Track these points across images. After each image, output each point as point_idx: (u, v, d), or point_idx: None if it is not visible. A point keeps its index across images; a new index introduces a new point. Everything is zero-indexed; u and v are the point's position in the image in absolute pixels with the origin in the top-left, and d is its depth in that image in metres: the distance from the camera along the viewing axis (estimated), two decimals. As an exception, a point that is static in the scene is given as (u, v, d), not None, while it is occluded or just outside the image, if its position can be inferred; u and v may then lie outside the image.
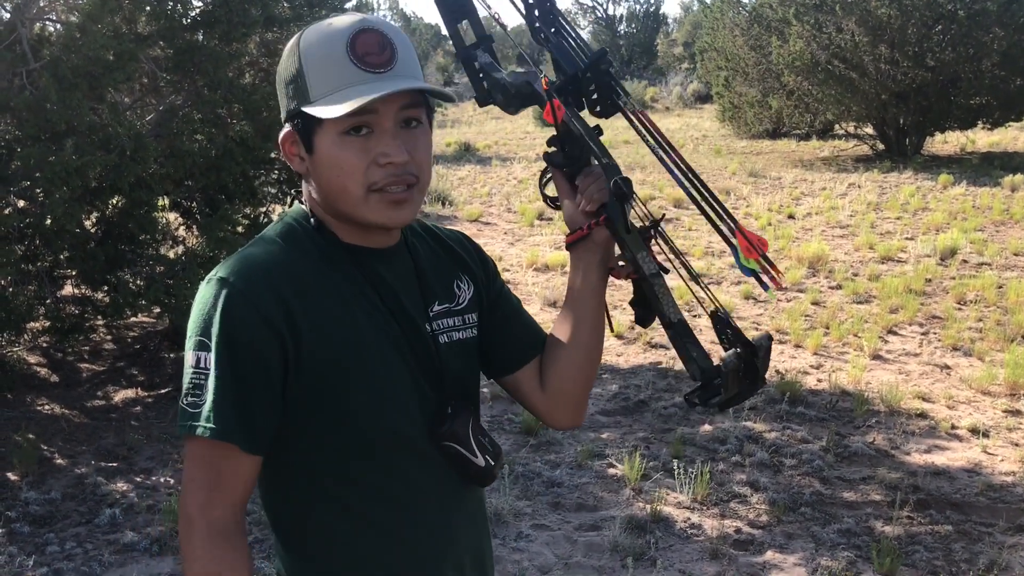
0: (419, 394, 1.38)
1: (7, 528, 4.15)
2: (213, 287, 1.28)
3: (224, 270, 1.29)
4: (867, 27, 16.96)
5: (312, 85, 1.29)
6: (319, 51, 1.29)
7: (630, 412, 5.62)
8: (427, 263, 1.47)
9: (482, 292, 1.55)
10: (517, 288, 8.75)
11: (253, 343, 1.26)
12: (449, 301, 1.47)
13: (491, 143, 25.33)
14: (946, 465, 4.82)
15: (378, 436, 1.35)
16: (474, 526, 1.49)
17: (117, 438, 5.22)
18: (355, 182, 1.29)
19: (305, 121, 1.31)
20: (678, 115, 32.50)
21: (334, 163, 1.29)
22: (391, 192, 1.30)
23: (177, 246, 6.68)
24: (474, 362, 1.51)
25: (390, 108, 1.29)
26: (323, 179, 1.32)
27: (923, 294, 8.15)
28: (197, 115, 5.98)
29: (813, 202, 13.41)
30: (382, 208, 1.31)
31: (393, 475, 1.37)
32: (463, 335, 1.47)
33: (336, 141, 1.29)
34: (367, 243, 1.38)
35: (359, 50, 1.28)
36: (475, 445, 1.40)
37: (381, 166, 1.29)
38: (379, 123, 1.29)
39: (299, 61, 1.30)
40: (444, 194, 14.37)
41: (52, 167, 4.88)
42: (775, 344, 6.91)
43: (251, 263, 1.30)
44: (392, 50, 1.30)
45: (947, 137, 20.69)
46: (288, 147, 1.36)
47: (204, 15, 5.98)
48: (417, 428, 1.38)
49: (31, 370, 6.42)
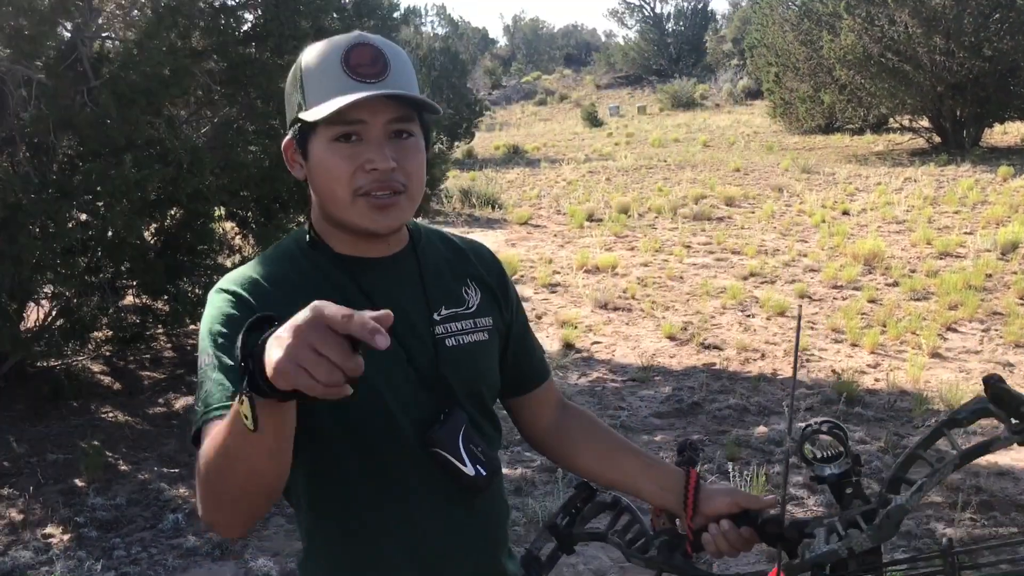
0: (415, 399, 1.40)
1: (76, 533, 4.27)
2: (210, 298, 1.38)
3: (219, 283, 1.39)
4: (921, 18, 16.64)
5: (308, 94, 1.35)
6: (317, 63, 1.36)
7: (684, 414, 5.59)
8: (434, 269, 1.50)
9: (500, 304, 1.56)
10: (567, 290, 8.76)
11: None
12: (458, 305, 1.49)
13: (540, 145, 25.34)
14: (1010, 466, 4.71)
15: (372, 441, 1.37)
16: (483, 538, 1.48)
17: (178, 444, 5.34)
18: (342, 186, 1.34)
19: (302, 128, 1.37)
20: (728, 112, 32.19)
21: (325, 168, 1.35)
22: (376, 197, 1.34)
23: (234, 255, 6.81)
24: (488, 364, 1.52)
25: (379, 118, 1.34)
26: (317, 184, 1.39)
27: (983, 290, 7.97)
28: (251, 127, 6.10)
29: (868, 198, 13.20)
30: (367, 212, 1.35)
31: (389, 480, 1.39)
32: (474, 338, 1.49)
33: (327, 147, 1.34)
34: (361, 253, 1.42)
35: (352, 61, 1.33)
36: (464, 453, 1.39)
37: (367, 172, 1.33)
38: (367, 132, 1.34)
39: (300, 72, 1.38)
40: (493, 197, 14.43)
41: (113, 181, 5.03)
42: (833, 343, 6.83)
43: (243, 275, 1.39)
44: (385, 63, 1.35)
45: (1007, 128, 20.21)
46: (289, 154, 1.43)
47: (256, 29, 6.10)
48: (411, 434, 1.39)
49: (95, 379, 6.60)
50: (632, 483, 1.58)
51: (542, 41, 61.62)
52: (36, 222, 5.24)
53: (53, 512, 4.48)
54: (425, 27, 52.47)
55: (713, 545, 1.46)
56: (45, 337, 5.85)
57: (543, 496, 4.42)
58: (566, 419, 1.66)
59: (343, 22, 6.60)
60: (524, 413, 1.64)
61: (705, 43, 45.77)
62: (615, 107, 35.72)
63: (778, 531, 1.39)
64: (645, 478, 1.56)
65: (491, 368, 1.52)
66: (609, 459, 1.61)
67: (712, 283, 8.73)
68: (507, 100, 43.49)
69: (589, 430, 1.65)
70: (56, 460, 5.13)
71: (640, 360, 6.57)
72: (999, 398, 1.23)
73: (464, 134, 23.99)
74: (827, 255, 9.73)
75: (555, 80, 47.57)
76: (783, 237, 10.89)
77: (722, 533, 1.46)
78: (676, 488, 1.52)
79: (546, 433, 1.65)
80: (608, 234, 11.54)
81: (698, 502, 1.50)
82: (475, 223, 13.05)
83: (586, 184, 16.35)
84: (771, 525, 1.41)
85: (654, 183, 15.93)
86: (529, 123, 35.92)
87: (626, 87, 43.37)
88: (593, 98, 39.69)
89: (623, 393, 5.99)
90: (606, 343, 7.12)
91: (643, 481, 1.56)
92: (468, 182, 15.93)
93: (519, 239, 11.65)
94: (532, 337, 1.65)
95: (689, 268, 9.52)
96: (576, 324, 7.54)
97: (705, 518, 1.49)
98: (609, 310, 7.99)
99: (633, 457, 1.60)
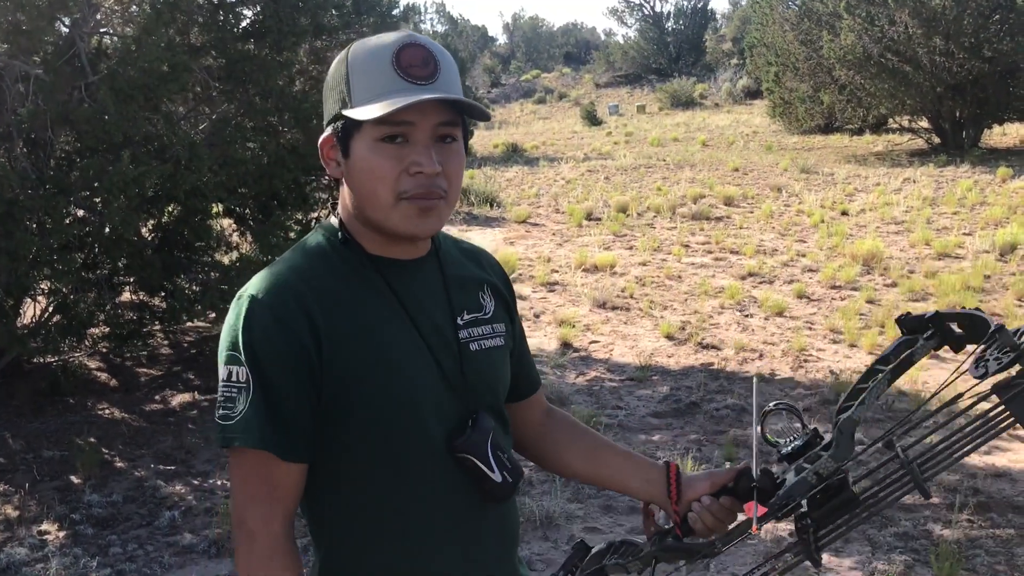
0: (444, 404, 1.39)
1: (72, 530, 4.26)
2: (243, 304, 1.33)
3: (253, 287, 1.34)
4: (921, 19, 16.65)
5: (355, 91, 1.33)
6: (365, 61, 1.33)
7: (681, 414, 5.59)
8: (455, 274, 1.49)
9: (510, 305, 1.57)
10: (566, 289, 8.75)
11: (281, 354, 1.30)
12: (478, 311, 1.49)
13: (539, 143, 25.34)
14: (1008, 467, 4.71)
15: (402, 446, 1.36)
16: (501, 545, 1.49)
17: (175, 441, 5.33)
18: (386, 188, 1.32)
19: (345, 125, 1.35)
20: (728, 111, 32.19)
21: (368, 168, 1.33)
22: (419, 202, 1.33)
23: (231, 252, 6.80)
24: (504, 370, 1.53)
25: (427, 121, 1.32)
26: (356, 184, 1.36)
27: (982, 291, 7.97)
28: (249, 123, 6.09)
29: (867, 198, 13.20)
30: (410, 216, 1.34)
31: (415, 486, 1.38)
32: (493, 343, 1.49)
33: (372, 147, 1.32)
34: (393, 254, 1.41)
35: (404, 61, 1.31)
36: (492, 459, 1.39)
37: (412, 175, 1.31)
38: (414, 134, 1.32)
39: (346, 69, 1.34)
40: (492, 195, 14.42)
41: (110, 177, 5.01)
42: (831, 344, 6.82)
43: (277, 279, 1.34)
44: (436, 65, 1.33)
45: (1006, 129, 20.22)
46: (327, 151, 1.40)
47: (255, 25, 6.08)
48: (440, 438, 1.38)
49: (92, 375, 6.59)
50: (619, 478, 1.61)
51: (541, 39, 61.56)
52: (33, 218, 5.23)
53: (49, 509, 4.47)
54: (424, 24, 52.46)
55: (699, 522, 1.50)
56: (42, 333, 5.83)
57: (540, 495, 4.41)
58: (550, 423, 1.67)
59: (342, 19, 6.59)
60: (514, 418, 1.63)
61: (705, 42, 45.75)
62: (614, 106, 35.70)
63: (750, 483, 1.46)
64: (630, 473, 1.59)
65: (506, 373, 1.53)
66: (595, 458, 1.63)
67: (710, 283, 8.72)
68: (506, 98, 43.47)
69: (572, 432, 1.66)
70: (52, 456, 5.12)
71: (638, 359, 6.57)
72: (912, 328, 1.40)
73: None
74: (826, 255, 9.72)
75: (554, 78, 47.55)
76: (782, 237, 10.88)
77: (705, 508, 1.50)
78: (659, 480, 1.56)
79: (532, 438, 1.66)
80: (607, 233, 11.53)
81: (680, 489, 1.54)
82: (473, 221, 13.04)
83: (585, 183, 16.34)
84: (744, 480, 1.48)
85: (653, 182, 15.92)
86: (528, 121, 35.90)
87: (625, 86, 43.35)
88: (592, 97, 39.68)
89: (621, 392, 5.98)
90: (604, 342, 7.11)
91: (628, 476, 1.60)
92: (467, 180, 15.92)
93: (517, 237, 11.64)
94: (527, 345, 1.66)
95: (687, 268, 9.52)
96: (574, 323, 7.53)
97: (688, 503, 1.53)
98: (607, 309, 7.99)
99: (616, 455, 1.63)
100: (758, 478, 1.46)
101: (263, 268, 1.40)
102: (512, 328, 1.56)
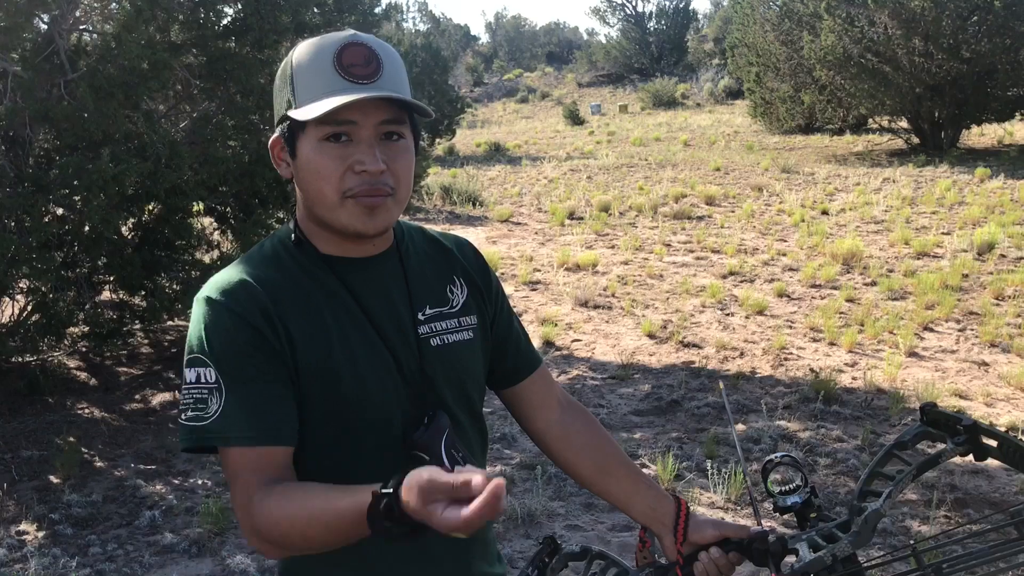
0: (402, 400, 1.40)
1: (51, 530, 4.23)
2: (200, 307, 1.35)
3: (207, 290, 1.36)
4: (900, 20, 16.77)
5: (299, 92, 1.34)
6: (308, 61, 1.35)
7: (663, 412, 5.61)
8: (418, 268, 1.49)
9: (483, 297, 1.56)
10: (548, 288, 8.76)
11: (244, 348, 1.31)
12: (442, 304, 1.49)
13: (521, 143, 25.35)
14: (984, 465, 4.76)
15: (360, 444, 1.37)
16: (466, 543, 1.46)
17: (156, 441, 5.30)
18: (331, 187, 1.33)
19: (291, 126, 1.36)
20: (709, 111, 32.32)
21: (313, 167, 1.34)
22: (364, 200, 1.33)
23: (212, 251, 6.77)
24: (473, 364, 1.52)
25: (370, 119, 1.32)
26: (304, 184, 1.37)
27: (960, 290, 8.05)
28: (230, 122, 6.06)
29: (847, 198, 13.29)
30: (356, 214, 1.34)
31: (377, 481, 1.38)
32: (458, 337, 1.49)
33: (316, 147, 1.33)
34: (346, 253, 1.42)
35: (345, 60, 1.32)
36: (446, 458, 1.37)
37: (356, 173, 1.32)
38: (358, 133, 1.33)
39: (291, 70, 1.36)
40: (474, 195, 14.42)
41: (90, 175, 4.98)
42: (811, 342, 6.87)
43: (231, 280, 1.36)
44: (378, 64, 1.34)
45: (984, 130, 20.40)
46: (277, 152, 1.42)
47: (236, 23, 6.06)
48: (397, 436, 1.39)
49: (71, 374, 6.54)
50: (624, 500, 1.61)
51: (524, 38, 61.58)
52: (12, 216, 5.19)
53: (28, 509, 4.44)
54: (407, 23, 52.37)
55: (704, 573, 1.52)
56: (20, 332, 5.79)
57: (522, 494, 4.42)
58: (568, 421, 1.64)
59: (324, 17, 6.57)
60: (522, 407, 1.63)
61: (687, 42, 45.92)
62: (596, 105, 35.77)
63: (765, 547, 1.48)
64: (637, 497, 1.60)
65: (476, 368, 1.52)
66: (607, 473, 1.62)
67: (692, 281, 8.76)
68: (489, 97, 43.46)
69: (590, 439, 1.64)
70: (31, 456, 5.08)
71: (620, 358, 6.59)
72: (936, 421, 1.46)
73: (445, 131, 23.96)
74: (806, 254, 9.79)
75: (537, 78, 47.59)
76: (762, 236, 10.94)
77: (712, 560, 1.52)
78: (667, 513, 1.57)
79: (546, 432, 1.64)
80: (589, 232, 11.56)
81: (688, 530, 1.55)
82: (456, 220, 13.03)
83: (567, 182, 16.36)
84: (759, 543, 1.50)
85: (635, 182, 15.97)
86: (511, 121, 35.92)
87: (608, 85, 43.44)
88: (575, 96, 39.74)
89: (603, 391, 6.00)
90: (586, 341, 7.13)
91: (634, 499, 1.60)
92: (449, 179, 15.91)
93: (500, 236, 11.64)
94: (518, 326, 1.64)
95: (669, 266, 9.55)
96: (556, 322, 7.54)
97: (692, 546, 1.54)
98: (589, 308, 8.01)
99: (628, 474, 1.62)
100: (772, 543, 1.47)
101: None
102: (488, 318, 1.56)
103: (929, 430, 1.47)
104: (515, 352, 1.62)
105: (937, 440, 1.47)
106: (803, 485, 1.54)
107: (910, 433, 1.49)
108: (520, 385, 1.62)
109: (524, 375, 1.62)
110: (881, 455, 1.51)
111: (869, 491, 1.48)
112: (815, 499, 1.54)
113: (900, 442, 1.49)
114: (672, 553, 1.55)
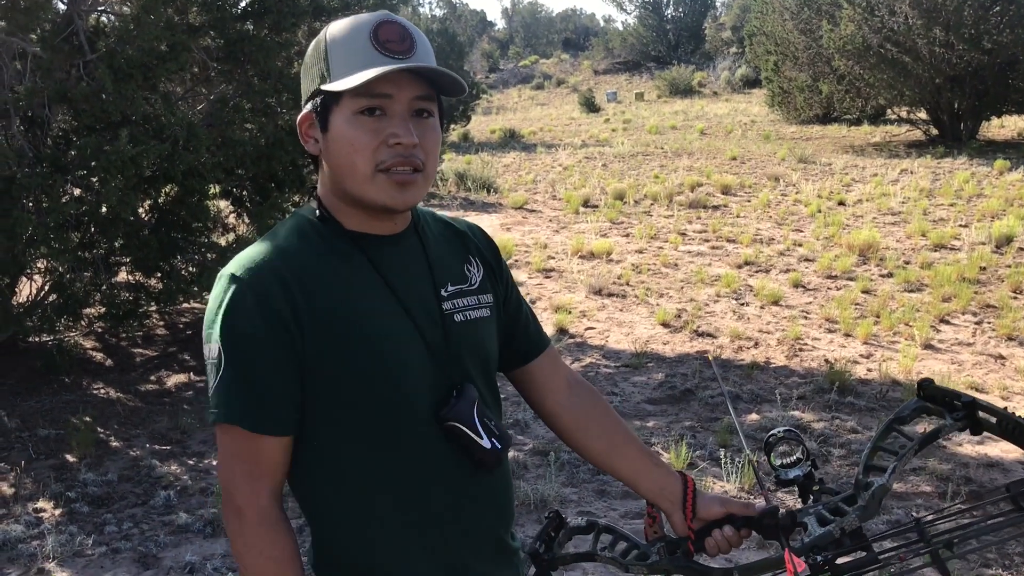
0: (429, 375, 1.41)
1: (67, 508, 4.27)
2: (223, 283, 1.35)
3: (233, 267, 1.36)
4: (921, 9, 16.62)
5: (334, 66, 1.35)
6: (343, 38, 1.36)
7: (676, 401, 5.60)
8: (437, 247, 1.51)
9: (497, 278, 1.58)
10: (562, 275, 8.75)
11: (260, 332, 1.32)
12: (462, 282, 1.51)
13: (536, 129, 25.30)
14: (1000, 457, 4.74)
15: (390, 419, 1.38)
16: (494, 513, 1.51)
17: (170, 422, 5.33)
18: (364, 160, 1.34)
19: (323, 101, 1.36)
20: (726, 100, 32.14)
21: (346, 140, 1.35)
22: (397, 173, 1.35)
23: (228, 233, 6.79)
24: (491, 340, 1.54)
25: (404, 94, 1.34)
26: (334, 157, 1.37)
27: (977, 283, 7.99)
28: (247, 104, 6.07)
29: (864, 188, 13.20)
30: (387, 188, 1.35)
31: (405, 459, 1.39)
32: (479, 314, 1.51)
33: (350, 119, 1.34)
34: (373, 230, 1.42)
35: (381, 36, 1.34)
36: (480, 426, 1.41)
37: (390, 146, 1.33)
38: (392, 107, 1.34)
39: (324, 47, 1.37)
40: (489, 181, 14.40)
41: (108, 156, 4.99)
42: (826, 333, 6.84)
43: (257, 258, 1.36)
44: (412, 41, 1.36)
45: (1004, 121, 20.22)
46: (305, 128, 1.42)
47: (254, 5, 6.06)
48: (427, 410, 1.40)
49: (87, 355, 6.58)
50: (633, 478, 1.64)
51: (540, 25, 61.35)
52: (30, 196, 5.21)
53: (44, 487, 4.48)
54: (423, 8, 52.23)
55: (716, 548, 1.57)
56: (37, 312, 5.83)
57: (535, 479, 4.43)
58: (577, 401, 1.66)
59: (342, 0, 6.56)
60: (532, 388, 1.65)
61: (704, 30, 45.62)
62: (612, 93, 35.62)
63: (775, 522, 1.52)
64: (644, 474, 1.63)
65: (494, 344, 1.55)
66: (616, 452, 1.65)
67: (706, 271, 8.73)
68: (504, 84, 43.34)
69: (599, 417, 1.66)
70: (48, 435, 5.12)
71: (633, 346, 6.58)
72: (933, 397, 1.49)
73: (460, 117, 23.91)
74: (822, 245, 9.74)
75: (553, 64, 47.41)
76: (778, 226, 10.89)
77: (725, 537, 1.57)
78: (674, 490, 1.61)
79: (556, 412, 1.66)
80: (603, 220, 11.53)
81: (696, 507, 1.59)
82: (470, 206, 13.03)
83: (582, 170, 16.32)
84: (768, 518, 1.53)
85: (650, 170, 15.91)
86: (526, 107, 35.82)
87: (624, 73, 43.24)
88: (591, 83, 39.58)
89: (616, 379, 6.00)
90: (600, 329, 7.12)
91: (642, 476, 1.63)
92: (464, 165, 15.89)
93: (514, 223, 11.63)
94: (527, 308, 1.66)
95: (684, 255, 9.53)
96: (570, 309, 7.54)
97: (701, 522, 1.59)
98: (603, 296, 7.99)
99: (638, 453, 1.65)
100: (782, 518, 1.51)
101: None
102: (501, 299, 1.57)
103: (927, 405, 1.50)
104: (524, 333, 1.64)
105: (935, 415, 1.50)
106: (804, 458, 1.56)
107: (908, 407, 1.51)
108: (529, 366, 1.64)
109: (533, 355, 1.64)
110: (882, 429, 1.53)
111: (873, 466, 1.51)
112: (817, 468, 1.57)
113: (899, 416, 1.52)
114: (683, 529, 1.59)
